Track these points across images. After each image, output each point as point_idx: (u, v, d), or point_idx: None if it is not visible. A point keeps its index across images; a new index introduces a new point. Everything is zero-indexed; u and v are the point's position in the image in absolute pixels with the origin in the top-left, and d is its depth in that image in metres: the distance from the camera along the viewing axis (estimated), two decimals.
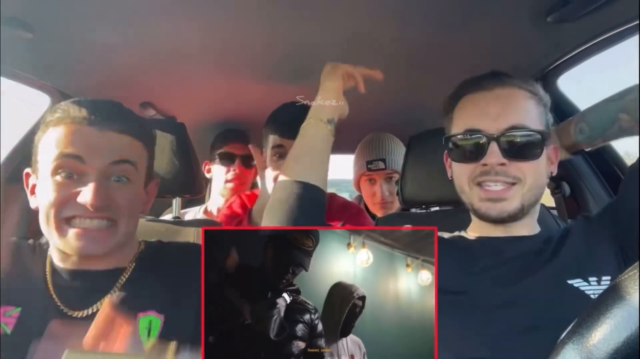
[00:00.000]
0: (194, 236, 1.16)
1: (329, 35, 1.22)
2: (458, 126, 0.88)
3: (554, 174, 0.89)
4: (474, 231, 0.93)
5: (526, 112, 0.84)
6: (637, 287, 0.35)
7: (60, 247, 0.77)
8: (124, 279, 0.81)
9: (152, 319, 0.77)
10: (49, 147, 0.75)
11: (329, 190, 1.73)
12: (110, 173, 0.76)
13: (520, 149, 0.81)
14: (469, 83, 0.89)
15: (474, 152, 0.83)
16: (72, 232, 0.74)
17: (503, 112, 0.82)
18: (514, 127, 0.81)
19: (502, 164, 0.81)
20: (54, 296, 0.77)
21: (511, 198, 0.82)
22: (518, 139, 0.81)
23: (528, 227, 0.88)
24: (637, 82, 0.81)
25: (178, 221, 1.25)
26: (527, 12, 1.07)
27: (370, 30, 1.19)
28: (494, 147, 0.81)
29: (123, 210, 0.77)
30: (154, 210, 2.28)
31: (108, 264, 0.81)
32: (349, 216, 1.46)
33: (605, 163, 1.46)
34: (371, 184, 1.81)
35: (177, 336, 0.76)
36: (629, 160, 1.44)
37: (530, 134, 0.82)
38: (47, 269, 0.80)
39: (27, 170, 0.82)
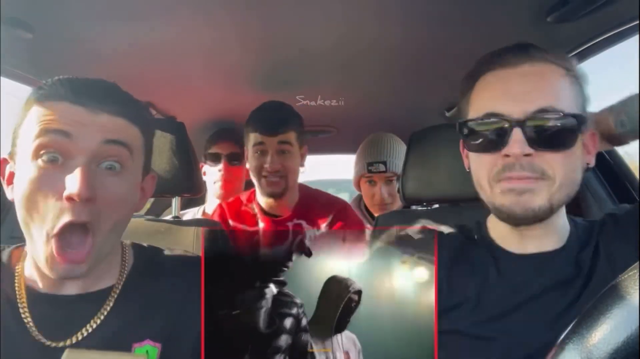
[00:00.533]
0: (193, 235, 1.16)
1: (329, 36, 1.22)
2: (476, 109, 0.74)
3: (590, 166, 0.75)
4: (492, 231, 0.82)
5: (559, 92, 0.69)
6: (637, 287, 0.35)
7: (41, 264, 0.63)
8: (112, 303, 0.70)
9: (148, 350, 0.68)
10: (31, 125, 0.63)
11: (329, 190, 1.75)
12: (101, 155, 0.64)
13: (550, 137, 0.67)
14: (491, 58, 0.74)
15: (494, 141, 0.70)
16: (51, 248, 0.61)
17: (529, 92, 0.69)
18: (543, 110, 0.67)
19: (528, 155, 0.67)
20: (30, 323, 0.65)
21: (538, 191, 0.68)
22: (548, 125, 0.67)
23: (555, 235, 0.76)
24: None
25: (177, 221, 1.25)
26: (527, 12, 1.07)
27: (370, 31, 1.19)
28: (517, 134, 0.67)
29: (110, 206, 0.64)
30: (153, 211, 2.28)
31: (92, 284, 0.70)
32: (337, 211, 1.48)
33: (606, 162, 1.46)
34: (371, 185, 1.81)
35: None
36: (629, 160, 1.44)
37: (562, 119, 0.68)
38: (20, 288, 0.68)
39: (4, 156, 0.69)
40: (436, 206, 1.30)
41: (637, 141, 0.82)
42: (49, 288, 0.68)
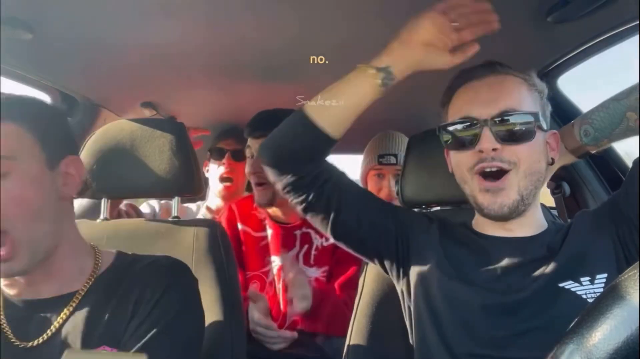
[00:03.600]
0: (193, 236, 1.15)
1: (330, 36, 1.21)
2: (452, 115, 0.88)
3: (555, 161, 0.88)
4: (477, 227, 0.94)
5: (518, 96, 0.84)
6: (637, 287, 0.35)
7: None
8: (73, 306, 0.71)
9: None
10: None
11: None
12: None
13: (512, 133, 0.81)
14: (463, 74, 0.89)
15: (469, 140, 0.83)
16: None
17: (494, 98, 0.83)
18: (504, 112, 0.81)
19: (495, 149, 0.80)
20: (5, 327, 0.70)
21: (508, 188, 0.81)
22: (509, 123, 0.81)
23: (531, 226, 0.87)
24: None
25: (177, 221, 1.25)
26: (527, 12, 1.07)
27: (371, 30, 1.19)
28: (486, 132, 0.81)
29: (10, 208, 0.65)
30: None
31: (62, 287, 0.73)
32: None
33: (605, 163, 1.46)
34: (379, 179, 1.80)
35: None
36: (629, 160, 1.44)
37: (521, 117, 0.81)
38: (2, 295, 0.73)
39: None
40: (437, 208, 1.30)
41: (605, 148, 0.93)
42: (26, 293, 0.72)
